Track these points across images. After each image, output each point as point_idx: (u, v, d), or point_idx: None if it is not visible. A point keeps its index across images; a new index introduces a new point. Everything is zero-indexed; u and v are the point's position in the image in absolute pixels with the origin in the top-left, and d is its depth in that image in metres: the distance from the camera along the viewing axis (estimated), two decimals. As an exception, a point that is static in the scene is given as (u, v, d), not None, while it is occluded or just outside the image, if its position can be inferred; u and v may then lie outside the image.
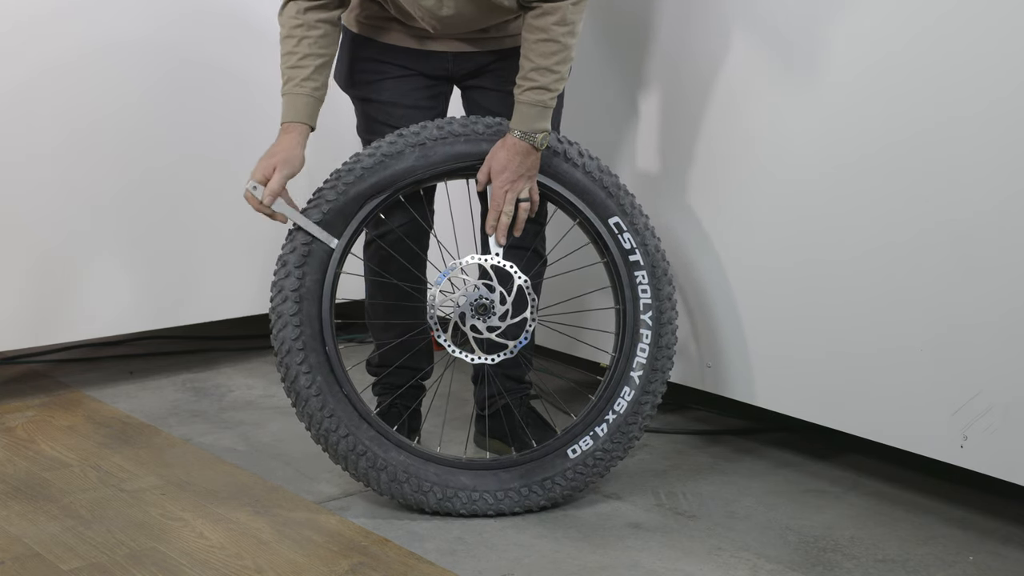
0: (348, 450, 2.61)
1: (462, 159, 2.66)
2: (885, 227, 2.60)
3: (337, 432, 2.61)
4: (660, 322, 2.74)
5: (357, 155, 2.67)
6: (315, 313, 2.61)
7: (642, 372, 2.72)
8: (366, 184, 2.63)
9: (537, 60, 2.54)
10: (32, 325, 3.34)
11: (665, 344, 2.74)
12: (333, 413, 2.60)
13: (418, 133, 2.65)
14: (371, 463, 2.61)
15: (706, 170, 2.95)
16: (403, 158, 2.64)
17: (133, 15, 3.38)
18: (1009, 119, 2.37)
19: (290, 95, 2.61)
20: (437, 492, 2.63)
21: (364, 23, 2.75)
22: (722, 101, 2.88)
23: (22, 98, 3.23)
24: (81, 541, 2.51)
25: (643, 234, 2.74)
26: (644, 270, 2.73)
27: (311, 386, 2.60)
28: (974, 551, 2.52)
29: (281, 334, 2.61)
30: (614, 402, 2.70)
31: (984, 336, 2.46)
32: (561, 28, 2.52)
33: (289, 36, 2.61)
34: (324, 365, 2.60)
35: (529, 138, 2.58)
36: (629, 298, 2.73)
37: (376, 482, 2.63)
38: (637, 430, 2.72)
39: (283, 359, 2.61)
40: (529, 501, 2.66)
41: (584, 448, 2.69)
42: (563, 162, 2.70)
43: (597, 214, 2.72)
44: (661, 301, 2.74)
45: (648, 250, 2.74)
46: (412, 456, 2.64)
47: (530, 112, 2.57)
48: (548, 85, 2.56)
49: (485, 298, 2.66)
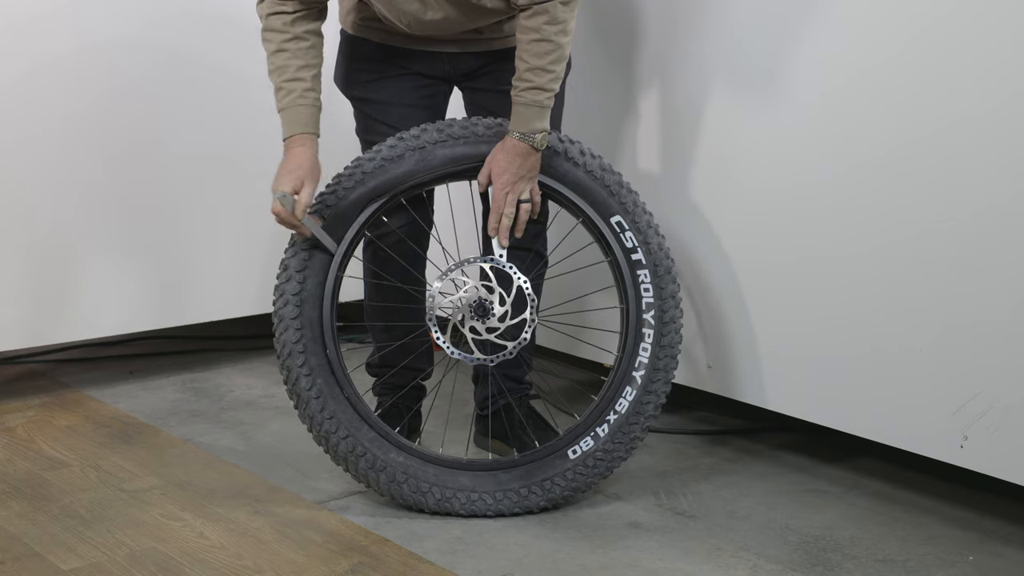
0: (348, 451, 2.62)
1: (462, 162, 2.66)
2: (885, 227, 2.60)
3: (337, 434, 2.61)
4: (663, 321, 2.73)
5: (358, 159, 2.67)
6: (316, 317, 2.62)
7: (644, 372, 2.71)
8: (366, 188, 2.64)
9: (531, 60, 2.54)
10: (32, 325, 3.33)
11: (668, 343, 2.73)
12: (333, 415, 2.61)
13: (418, 136, 2.66)
14: (371, 464, 2.62)
15: (706, 168, 2.95)
16: (402, 162, 2.64)
17: (130, 13, 3.37)
18: (1011, 119, 2.37)
19: (293, 108, 2.60)
20: (436, 493, 2.63)
21: (360, 24, 2.75)
22: (722, 99, 2.88)
23: (22, 99, 3.23)
24: (81, 541, 2.51)
25: (645, 232, 2.74)
26: (647, 268, 2.73)
27: (311, 388, 2.61)
28: (974, 551, 2.52)
29: (283, 337, 2.62)
30: (616, 402, 2.70)
31: (984, 336, 2.46)
32: (553, 27, 2.52)
33: (281, 50, 2.60)
34: (325, 368, 2.61)
35: (528, 139, 2.58)
36: (632, 297, 2.73)
37: (376, 483, 2.63)
38: (639, 430, 2.71)
39: (284, 361, 2.63)
40: (528, 502, 2.66)
41: (585, 449, 2.68)
42: (564, 161, 2.70)
43: (599, 213, 2.72)
44: (664, 300, 2.74)
45: (651, 248, 2.74)
46: (411, 457, 2.64)
47: (527, 113, 2.57)
48: (544, 85, 2.56)
49: (485, 299, 2.66)
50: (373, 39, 2.74)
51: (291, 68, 2.60)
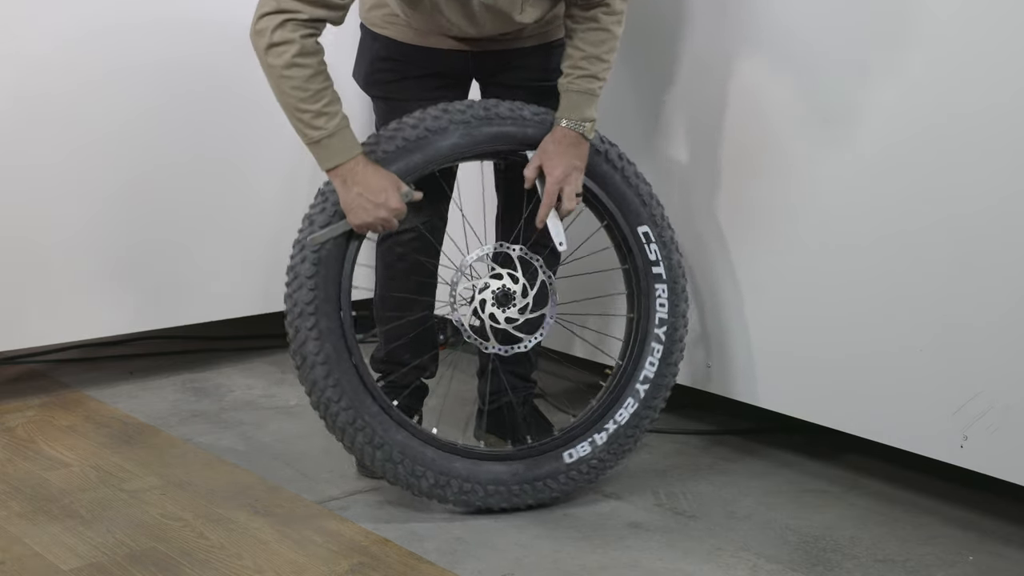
0: (348, 423, 2.56)
1: (507, 141, 2.63)
2: (885, 227, 2.60)
3: (340, 403, 2.55)
4: (673, 339, 2.73)
5: (400, 123, 2.61)
6: (334, 276, 2.56)
7: (649, 386, 2.70)
8: (410, 159, 2.57)
9: (587, 48, 2.57)
10: (32, 325, 3.33)
11: (673, 361, 2.74)
12: (338, 383, 2.55)
13: (463, 111, 2.62)
14: (368, 439, 2.56)
15: (706, 169, 2.95)
16: (447, 135, 2.60)
17: (141, 28, 3.38)
18: (1010, 117, 2.37)
19: (345, 129, 2.50)
20: (430, 477, 2.59)
21: (383, 23, 2.74)
22: (725, 97, 2.88)
23: (23, 100, 3.23)
24: (81, 541, 2.51)
25: (669, 247, 2.73)
26: (665, 284, 2.71)
27: (319, 353, 2.53)
28: (974, 551, 2.52)
29: (296, 295, 2.56)
30: (616, 412, 2.69)
31: (984, 336, 2.46)
32: (611, 17, 2.57)
33: (318, 72, 2.46)
34: (336, 332, 2.55)
35: (578, 126, 2.59)
36: (644, 308, 2.71)
37: (371, 458, 2.59)
38: (634, 443, 2.72)
39: (294, 321, 2.56)
40: (519, 500, 2.64)
41: (581, 454, 2.68)
42: (604, 162, 2.68)
43: (628, 221, 2.70)
44: (676, 318, 2.73)
45: (671, 264, 2.73)
46: (412, 437, 2.59)
47: (579, 100, 2.58)
48: (598, 73, 2.58)
49: (509, 288, 2.64)
50: (397, 38, 2.73)
51: (328, 90, 2.49)
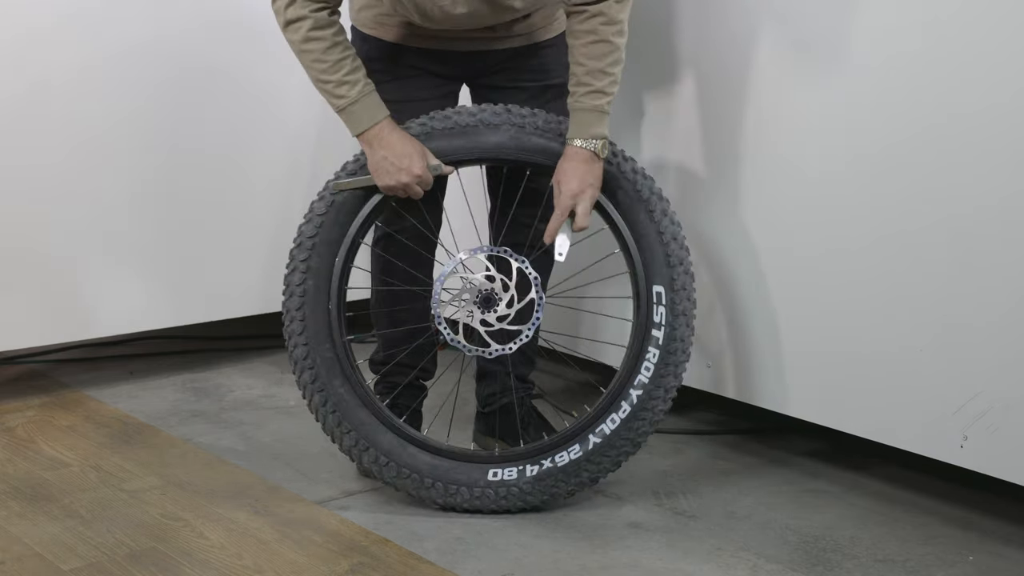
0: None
1: (551, 157, 2.61)
2: (884, 226, 2.60)
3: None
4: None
5: (460, 108, 2.65)
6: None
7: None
8: (454, 142, 2.61)
9: (589, 63, 2.52)
10: (32, 325, 3.33)
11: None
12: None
13: (524, 116, 2.62)
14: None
15: (706, 167, 2.95)
16: (498, 131, 2.61)
17: (138, 21, 3.38)
18: (1010, 117, 2.37)
19: (368, 96, 2.57)
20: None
21: (373, 23, 2.74)
22: (723, 97, 2.89)
23: (23, 101, 3.23)
24: (81, 541, 2.51)
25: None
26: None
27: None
28: (974, 551, 2.52)
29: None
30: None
31: (984, 336, 2.46)
32: (610, 28, 2.50)
33: (335, 44, 2.56)
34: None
35: (589, 144, 2.55)
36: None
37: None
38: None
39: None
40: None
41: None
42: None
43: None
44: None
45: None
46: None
47: (588, 118, 2.54)
48: (604, 88, 2.53)
49: (488, 290, 2.64)
50: (387, 38, 2.73)
51: (348, 60, 2.56)
